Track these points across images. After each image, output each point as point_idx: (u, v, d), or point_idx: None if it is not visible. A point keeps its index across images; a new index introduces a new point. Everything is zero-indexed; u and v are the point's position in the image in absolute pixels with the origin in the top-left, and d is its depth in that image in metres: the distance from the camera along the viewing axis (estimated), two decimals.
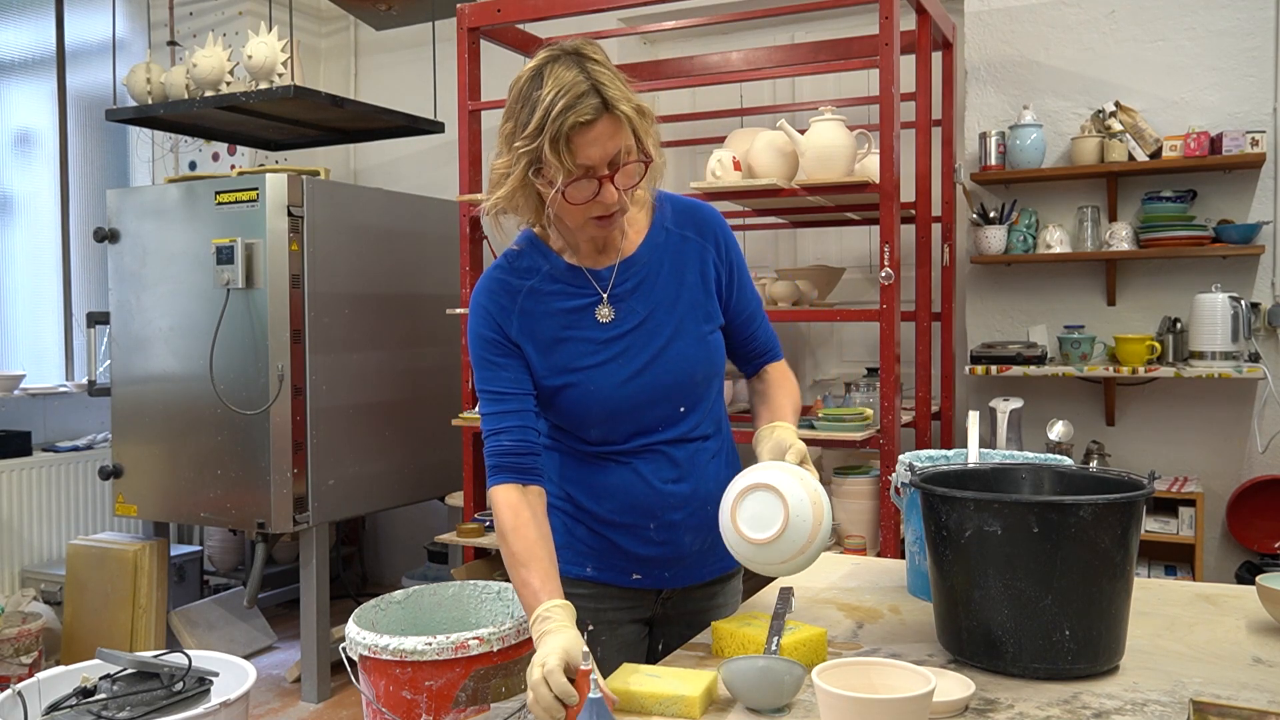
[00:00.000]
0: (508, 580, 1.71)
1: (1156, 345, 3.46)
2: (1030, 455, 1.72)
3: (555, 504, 1.64)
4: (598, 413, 1.55)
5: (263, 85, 3.75)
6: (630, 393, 1.54)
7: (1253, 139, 3.34)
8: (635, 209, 1.60)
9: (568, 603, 1.38)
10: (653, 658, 1.69)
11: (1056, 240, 3.63)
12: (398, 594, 1.36)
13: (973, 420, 1.73)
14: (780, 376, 1.69)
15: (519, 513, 1.47)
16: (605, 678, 1.27)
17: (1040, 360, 3.60)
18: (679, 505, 1.59)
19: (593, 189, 1.42)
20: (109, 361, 4.05)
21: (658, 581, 1.63)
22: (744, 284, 1.66)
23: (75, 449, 4.41)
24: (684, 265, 1.59)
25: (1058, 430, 3.50)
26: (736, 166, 3.12)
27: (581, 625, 1.61)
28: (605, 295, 1.55)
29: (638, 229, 1.59)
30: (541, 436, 1.58)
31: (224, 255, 3.63)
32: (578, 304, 1.55)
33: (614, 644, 1.63)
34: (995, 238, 3.66)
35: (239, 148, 4.94)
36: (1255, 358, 3.44)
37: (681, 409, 1.57)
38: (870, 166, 3.10)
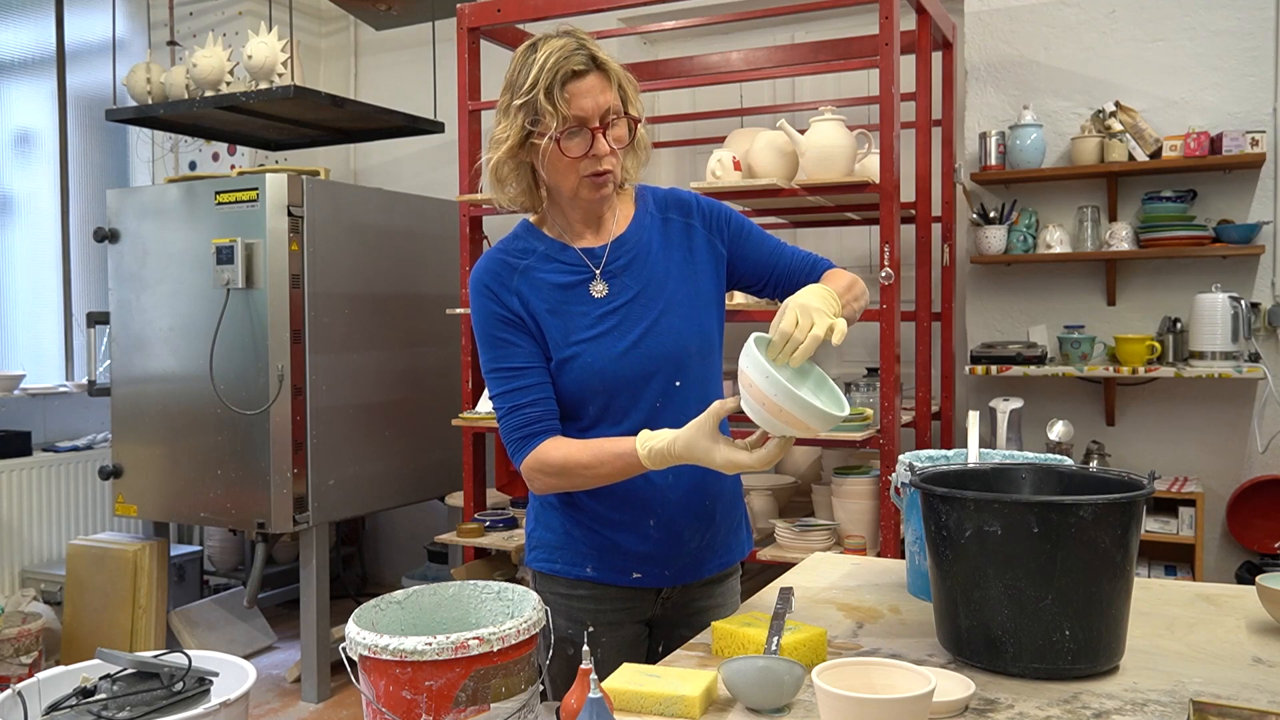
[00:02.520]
0: (507, 580, 1.69)
1: (1156, 345, 3.46)
2: (1030, 455, 1.72)
3: (552, 502, 1.64)
4: (596, 386, 1.56)
5: (263, 85, 3.75)
6: (629, 364, 1.56)
7: (1253, 139, 3.34)
8: (622, 197, 1.65)
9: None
10: (652, 659, 1.68)
11: (1056, 240, 3.63)
12: (398, 594, 1.36)
13: (973, 420, 1.73)
14: (832, 271, 1.65)
15: (578, 443, 1.52)
16: (604, 678, 1.27)
17: (1040, 360, 3.60)
18: (678, 500, 1.59)
19: (586, 142, 1.49)
20: (109, 361, 4.05)
21: (658, 580, 1.63)
22: (750, 232, 1.68)
23: (75, 449, 4.41)
24: (671, 245, 1.63)
25: (1058, 430, 3.50)
26: (736, 166, 3.12)
27: (581, 625, 1.61)
28: (599, 272, 1.59)
29: (625, 214, 1.64)
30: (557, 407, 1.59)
31: (224, 255, 3.63)
32: (572, 280, 1.59)
33: (614, 645, 1.63)
34: (995, 238, 3.66)
35: (239, 148, 4.94)
36: (1255, 358, 3.44)
37: (677, 383, 1.58)
38: (870, 166, 3.10)
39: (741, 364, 1.30)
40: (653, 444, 1.42)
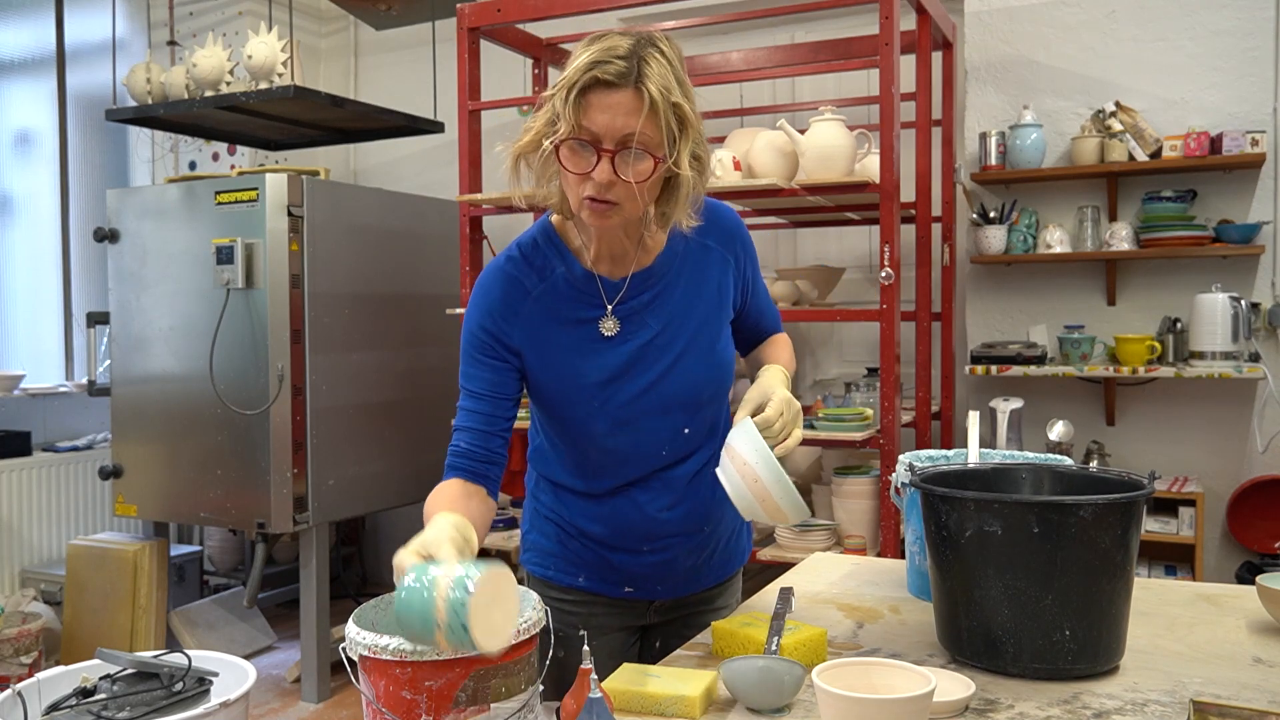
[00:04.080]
0: None
1: (1157, 345, 3.46)
2: (1030, 455, 1.72)
3: (548, 515, 1.63)
4: (599, 428, 1.50)
5: (263, 85, 3.75)
6: (637, 411, 1.50)
7: (1253, 139, 3.34)
8: (655, 230, 1.50)
9: (468, 524, 1.29)
10: (650, 658, 1.68)
11: (1056, 240, 3.63)
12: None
13: (973, 420, 1.73)
14: (777, 337, 1.67)
15: (455, 499, 1.38)
16: (601, 680, 1.27)
17: (1040, 360, 3.60)
18: (674, 530, 1.57)
19: (589, 161, 1.31)
20: (109, 361, 4.05)
21: (650, 594, 1.62)
22: (759, 285, 1.63)
23: (75, 449, 4.41)
24: (703, 278, 1.52)
25: (1058, 430, 3.50)
26: (736, 166, 3.12)
27: (573, 630, 1.60)
28: (610, 308, 1.48)
29: (658, 239, 1.51)
30: (506, 444, 1.51)
31: (224, 255, 3.63)
32: (587, 315, 1.49)
33: (604, 650, 1.61)
34: (995, 238, 3.66)
35: (239, 148, 4.94)
36: (1255, 358, 3.44)
37: (686, 430, 1.53)
38: (870, 166, 3.10)
39: (735, 440, 1.35)
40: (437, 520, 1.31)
